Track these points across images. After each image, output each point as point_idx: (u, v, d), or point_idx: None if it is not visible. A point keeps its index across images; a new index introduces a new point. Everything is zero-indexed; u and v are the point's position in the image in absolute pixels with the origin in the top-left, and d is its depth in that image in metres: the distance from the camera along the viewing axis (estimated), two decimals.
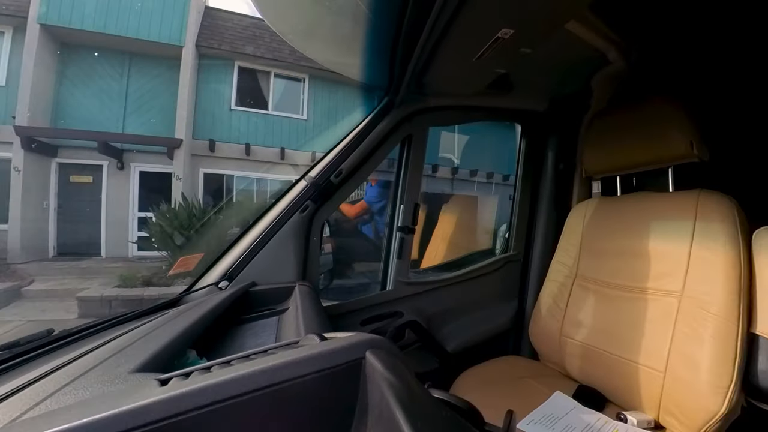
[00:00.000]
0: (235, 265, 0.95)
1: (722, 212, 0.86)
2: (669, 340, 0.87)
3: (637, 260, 1.00)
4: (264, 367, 0.31)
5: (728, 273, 0.81)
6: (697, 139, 0.93)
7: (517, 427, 0.82)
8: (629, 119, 1.08)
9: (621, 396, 0.96)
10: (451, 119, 1.29)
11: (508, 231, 1.55)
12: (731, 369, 0.77)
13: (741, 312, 0.79)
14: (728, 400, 0.76)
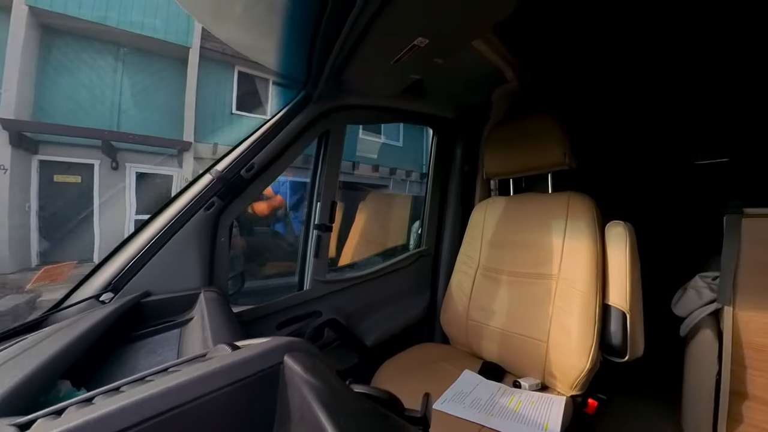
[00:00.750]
0: (122, 272, 0.80)
1: (585, 210, 1.08)
2: (549, 315, 1.05)
3: (525, 250, 1.18)
4: (164, 388, 0.27)
5: (589, 258, 1.02)
6: (569, 150, 1.14)
7: (433, 408, 0.88)
8: (520, 131, 1.26)
9: (516, 366, 1.11)
10: (369, 118, 1.32)
11: (420, 227, 1.65)
12: (592, 333, 0.97)
13: (598, 288, 1.00)
14: (591, 358, 0.95)
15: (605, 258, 1.03)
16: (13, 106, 5.32)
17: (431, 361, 1.19)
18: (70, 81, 5.96)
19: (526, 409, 0.88)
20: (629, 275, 0.99)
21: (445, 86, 1.36)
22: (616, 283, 1.00)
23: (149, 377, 0.33)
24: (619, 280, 1.00)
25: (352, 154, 8.15)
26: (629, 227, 1.02)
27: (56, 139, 5.77)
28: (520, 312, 1.13)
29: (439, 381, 1.04)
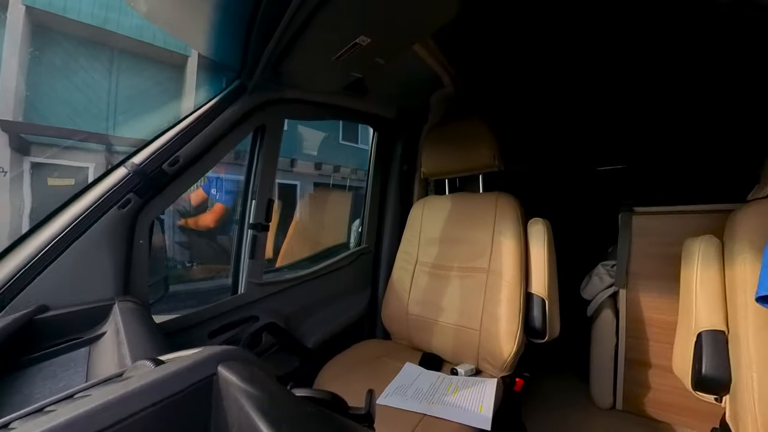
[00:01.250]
0: (9, 283, 0.66)
1: (511, 209, 1.18)
2: (481, 305, 1.13)
3: (459, 246, 1.26)
4: (68, 419, 0.23)
5: (515, 253, 1.12)
6: (498, 153, 1.23)
7: (377, 403, 0.89)
8: (455, 134, 1.33)
9: (453, 354, 1.18)
10: (308, 114, 1.28)
11: (361, 225, 1.66)
12: (518, 319, 1.07)
13: (522, 279, 1.10)
14: (517, 341, 1.05)
15: (527, 251, 1.14)
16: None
17: (374, 357, 1.20)
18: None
19: (463, 394, 0.95)
20: (547, 266, 1.11)
21: (387, 87, 1.38)
22: (536, 273, 1.12)
23: (49, 407, 0.28)
24: (539, 270, 1.12)
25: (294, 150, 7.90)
26: (547, 224, 1.15)
27: (46, 140, 5.33)
28: (455, 304, 1.20)
29: (382, 376, 1.06)
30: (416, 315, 1.28)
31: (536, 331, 1.10)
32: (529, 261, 1.14)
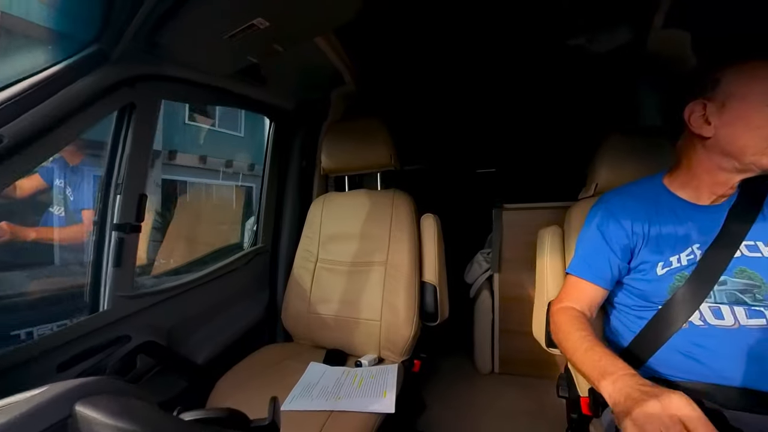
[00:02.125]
0: None
1: (406, 206, 1.26)
2: (381, 297, 1.19)
3: (359, 242, 1.29)
4: None
5: (410, 245, 1.20)
6: (394, 153, 1.30)
7: (282, 410, 0.84)
8: (355, 132, 1.35)
9: (357, 348, 1.21)
10: (194, 97, 1.12)
11: (256, 224, 1.55)
12: (414, 306, 1.16)
13: (416, 269, 1.20)
14: (414, 326, 1.14)
15: (421, 244, 1.25)
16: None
17: (275, 362, 1.14)
18: None
19: (367, 383, 0.98)
20: (438, 256, 1.23)
21: (286, 77, 1.31)
22: (429, 263, 1.23)
23: None
24: (431, 261, 1.23)
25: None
26: (437, 218, 1.27)
27: None
28: (357, 298, 1.23)
29: (287, 380, 1.01)
30: (319, 313, 1.26)
31: (430, 315, 1.21)
32: (422, 252, 1.24)
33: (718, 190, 0.72)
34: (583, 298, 0.79)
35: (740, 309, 0.66)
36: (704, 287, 0.68)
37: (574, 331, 0.70)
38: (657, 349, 0.71)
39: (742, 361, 0.64)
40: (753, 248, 0.68)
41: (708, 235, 0.71)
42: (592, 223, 0.83)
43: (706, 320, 0.67)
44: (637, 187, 0.83)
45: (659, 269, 0.73)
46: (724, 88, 0.67)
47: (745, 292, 0.67)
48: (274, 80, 1.28)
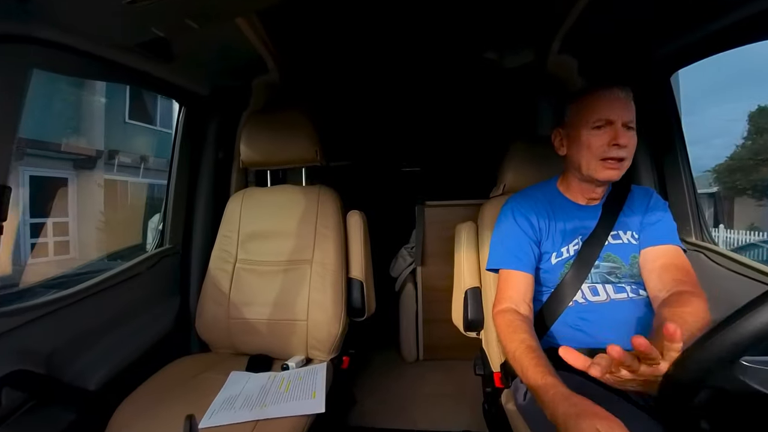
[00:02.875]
0: None
1: (332, 202, 1.25)
2: (307, 295, 1.16)
3: (283, 240, 1.24)
4: None
5: (336, 242, 1.20)
6: (320, 149, 1.27)
7: (201, 427, 0.76)
8: (278, 124, 1.28)
9: (283, 350, 1.16)
10: (77, 69, 0.91)
11: (162, 222, 1.36)
12: (341, 303, 1.16)
13: (342, 266, 1.20)
14: (342, 323, 1.14)
15: (347, 241, 1.25)
16: None
17: (190, 376, 1.02)
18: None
19: (295, 386, 0.95)
20: (364, 253, 1.24)
21: (201, 57, 1.18)
22: (355, 260, 1.24)
23: None
24: (357, 257, 1.24)
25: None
26: (363, 215, 1.28)
27: None
28: (281, 299, 1.18)
29: (205, 395, 0.91)
30: (240, 318, 1.18)
31: (358, 311, 1.22)
32: (349, 249, 1.25)
33: (587, 194, 0.90)
34: (518, 289, 0.85)
35: (609, 286, 0.83)
36: (584, 271, 0.84)
37: (512, 335, 0.76)
38: (551, 324, 0.85)
39: (614, 328, 0.80)
40: (616, 236, 0.86)
41: (587, 229, 0.88)
42: (507, 221, 0.93)
43: (587, 298, 0.83)
44: (537, 190, 0.97)
45: (553, 259, 0.87)
46: (569, 119, 0.86)
47: (611, 273, 0.84)
48: (186, 60, 1.13)
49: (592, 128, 0.81)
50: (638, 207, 0.90)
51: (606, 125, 0.79)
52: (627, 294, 0.82)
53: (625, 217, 0.88)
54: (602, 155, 0.80)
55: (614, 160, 0.80)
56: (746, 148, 13.98)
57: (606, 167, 0.80)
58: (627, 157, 0.80)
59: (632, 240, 0.86)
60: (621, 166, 0.80)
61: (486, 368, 1.09)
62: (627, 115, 0.79)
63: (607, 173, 0.81)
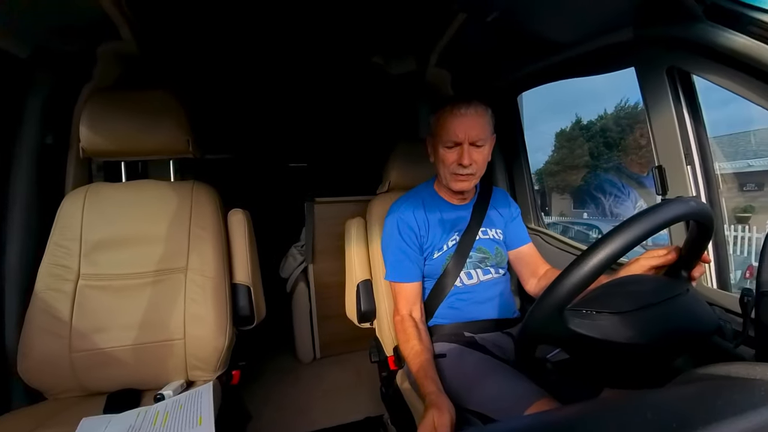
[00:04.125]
0: None
1: (209, 199, 1.10)
2: (183, 309, 1.00)
3: (147, 247, 1.03)
4: None
5: (216, 244, 1.06)
6: (192, 139, 1.10)
7: None
8: (138, 105, 1.05)
9: (156, 379, 0.97)
10: None
11: None
12: (226, 312, 1.03)
13: (225, 271, 1.07)
14: (228, 335, 1.02)
15: (229, 242, 1.13)
16: None
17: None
18: None
19: (175, 417, 0.81)
20: (249, 255, 1.14)
21: (18, 7, 0.87)
22: (240, 263, 1.12)
23: None
24: (242, 260, 1.12)
25: None
26: (247, 214, 1.17)
27: None
28: (150, 318, 0.99)
29: None
30: (89, 349, 0.93)
31: (245, 319, 1.11)
32: (232, 252, 1.13)
33: (457, 196, 1.05)
34: (410, 297, 0.97)
35: (479, 271, 1.01)
36: (461, 261, 0.99)
37: (406, 343, 0.89)
38: (437, 307, 0.99)
39: (482, 303, 1.00)
40: (485, 232, 1.05)
41: (463, 225, 1.03)
42: (392, 233, 1.01)
43: (463, 282, 0.99)
44: (416, 194, 1.09)
45: (436, 254, 1.00)
46: (433, 130, 0.99)
47: (481, 261, 1.02)
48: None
49: (445, 147, 0.93)
50: (500, 206, 1.11)
51: (455, 146, 0.92)
52: (492, 275, 1.02)
53: (491, 215, 1.08)
54: (452, 171, 0.94)
55: (463, 175, 0.94)
56: (553, 158, 18.57)
57: (457, 180, 0.95)
58: (475, 171, 0.94)
59: (497, 235, 1.07)
60: (470, 179, 0.95)
61: (381, 354, 1.16)
62: (474, 133, 0.90)
63: (459, 185, 0.96)
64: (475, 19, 1.06)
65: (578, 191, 16.64)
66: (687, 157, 0.91)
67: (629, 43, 0.94)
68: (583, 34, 1.03)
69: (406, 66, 1.49)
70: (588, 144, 16.46)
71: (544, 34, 1.09)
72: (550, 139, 18.60)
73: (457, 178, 0.94)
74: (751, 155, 11.04)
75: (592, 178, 15.54)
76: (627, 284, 0.54)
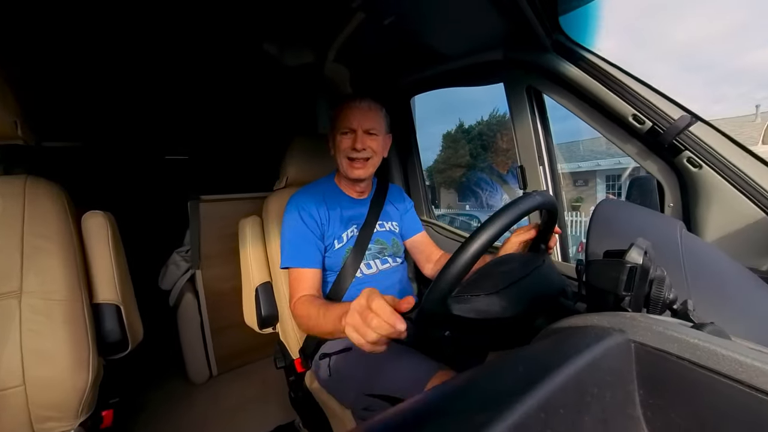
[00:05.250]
0: None
1: (51, 199, 0.86)
2: (19, 347, 0.77)
3: None
4: None
5: (66, 258, 0.84)
6: (22, 120, 0.85)
7: None
8: None
9: None
10: None
11: None
12: (86, 342, 0.83)
13: (81, 290, 0.85)
14: (92, 368, 0.82)
15: (85, 253, 0.90)
16: None
17: None
18: None
19: None
20: (116, 267, 0.93)
21: None
22: (103, 278, 0.91)
23: None
24: (105, 274, 0.91)
25: None
26: (109, 216, 0.95)
27: None
28: None
29: None
30: None
31: (116, 345, 0.92)
32: (90, 265, 0.91)
33: (355, 189, 1.09)
34: (308, 283, 0.93)
35: (378, 261, 1.06)
36: (361, 253, 1.02)
37: (312, 309, 0.81)
38: (340, 299, 1.00)
39: (384, 291, 0.96)
40: (381, 225, 1.10)
41: (361, 219, 1.07)
42: (293, 219, 0.98)
43: (363, 273, 1.03)
44: (317, 186, 1.08)
45: (336, 246, 1.01)
46: (332, 124, 1.04)
47: (380, 252, 1.07)
48: None
49: (341, 134, 0.99)
50: (396, 201, 1.19)
51: (350, 132, 0.98)
52: (390, 264, 1.09)
53: (387, 209, 1.14)
54: (347, 155, 0.99)
55: (358, 161, 0.99)
56: (441, 157, 20.85)
57: (352, 167, 1.00)
58: (369, 156, 1.00)
59: (393, 228, 1.14)
60: (365, 165, 1.00)
61: (287, 358, 1.11)
62: (367, 123, 0.98)
63: (355, 172, 1.00)
64: (374, 20, 1.10)
65: (462, 186, 19.11)
66: (540, 159, 1.14)
67: (500, 62, 1.11)
68: (465, 49, 1.17)
69: (303, 58, 1.45)
70: (469, 145, 18.96)
71: (433, 44, 1.19)
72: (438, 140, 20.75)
73: (353, 164, 0.99)
74: (580, 159, 14.41)
75: (473, 175, 18.04)
76: (500, 264, 0.64)
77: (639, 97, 0.87)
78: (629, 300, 0.39)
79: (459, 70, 1.27)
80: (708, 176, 0.82)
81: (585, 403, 0.26)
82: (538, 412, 0.23)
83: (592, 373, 0.28)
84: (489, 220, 0.51)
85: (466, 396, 0.28)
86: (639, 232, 0.46)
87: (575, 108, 1.00)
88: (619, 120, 0.92)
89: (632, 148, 0.94)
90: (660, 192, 0.91)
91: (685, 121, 0.81)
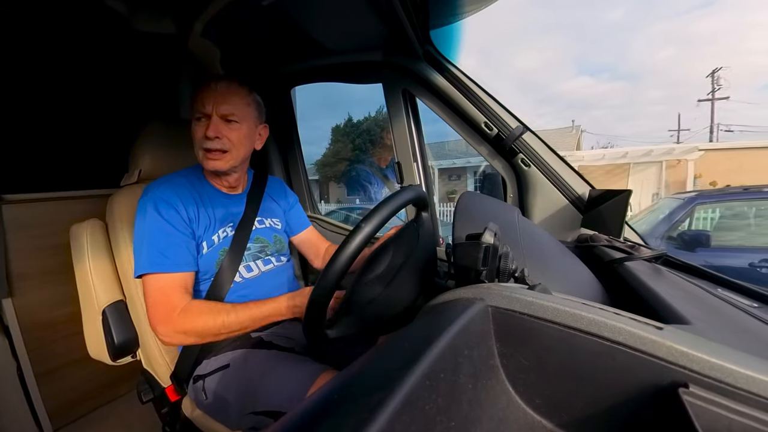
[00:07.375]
0: None
1: None
2: None
3: None
4: None
5: None
6: None
7: None
8: None
9: None
10: None
11: None
12: None
13: None
14: None
15: None
16: None
17: None
18: None
19: None
20: None
21: None
22: None
23: None
24: None
25: None
26: None
27: None
28: None
29: None
30: None
31: None
32: None
33: (225, 182, 0.95)
34: (181, 289, 0.77)
35: (260, 262, 0.95)
36: (239, 255, 0.89)
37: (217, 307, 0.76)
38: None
39: (268, 293, 0.87)
40: (261, 222, 0.99)
41: (237, 216, 0.94)
42: (152, 216, 0.79)
43: (243, 276, 0.90)
44: (181, 178, 0.90)
45: (205, 248, 0.85)
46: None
47: (261, 251, 0.96)
48: None
49: (195, 120, 0.85)
50: (277, 196, 1.09)
51: (204, 117, 0.84)
52: (273, 264, 0.99)
53: (267, 204, 1.04)
54: (202, 146, 0.84)
55: (213, 152, 0.85)
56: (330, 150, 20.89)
57: (208, 158, 0.85)
58: (227, 148, 0.86)
59: (275, 224, 1.03)
60: (222, 157, 0.86)
61: (155, 389, 0.93)
62: (224, 108, 0.83)
63: (211, 164, 0.85)
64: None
65: (351, 180, 19.49)
66: (414, 156, 1.26)
67: (380, 63, 1.16)
68: (347, 45, 1.19)
69: (162, 26, 1.20)
70: (358, 140, 19.43)
71: (315, 36, 1.16)
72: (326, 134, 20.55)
73: (209, 155, 0.85)
74: (455, 156, 16.77)
75: (360, 169, 18.60)
76: (374, 263, 0.65)
77: (489, 108, 1.05)
78: (485, 273, 0.47)
79: (341, 66, 1.28)
80: (534, 173, 1.05)
81: (459, 364, 0.31)
82: (424, 380, 0.26)
83: (463, 338, 0.33)
84: (368, 215, 0.53)
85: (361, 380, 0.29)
86: (490, 218, 0.56)
87: (441, 112, 1.15)
88: (474, 125, 1.09)
89: (484, 149, 1.14)
90: (504, 185, 1.14)
91: (519, 130, 1.02)
